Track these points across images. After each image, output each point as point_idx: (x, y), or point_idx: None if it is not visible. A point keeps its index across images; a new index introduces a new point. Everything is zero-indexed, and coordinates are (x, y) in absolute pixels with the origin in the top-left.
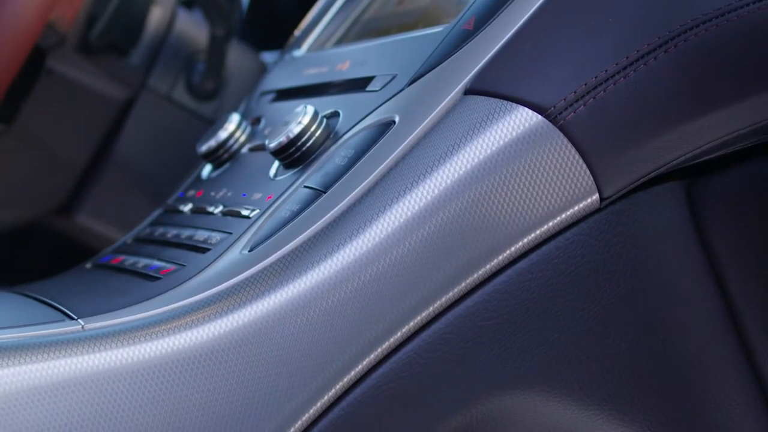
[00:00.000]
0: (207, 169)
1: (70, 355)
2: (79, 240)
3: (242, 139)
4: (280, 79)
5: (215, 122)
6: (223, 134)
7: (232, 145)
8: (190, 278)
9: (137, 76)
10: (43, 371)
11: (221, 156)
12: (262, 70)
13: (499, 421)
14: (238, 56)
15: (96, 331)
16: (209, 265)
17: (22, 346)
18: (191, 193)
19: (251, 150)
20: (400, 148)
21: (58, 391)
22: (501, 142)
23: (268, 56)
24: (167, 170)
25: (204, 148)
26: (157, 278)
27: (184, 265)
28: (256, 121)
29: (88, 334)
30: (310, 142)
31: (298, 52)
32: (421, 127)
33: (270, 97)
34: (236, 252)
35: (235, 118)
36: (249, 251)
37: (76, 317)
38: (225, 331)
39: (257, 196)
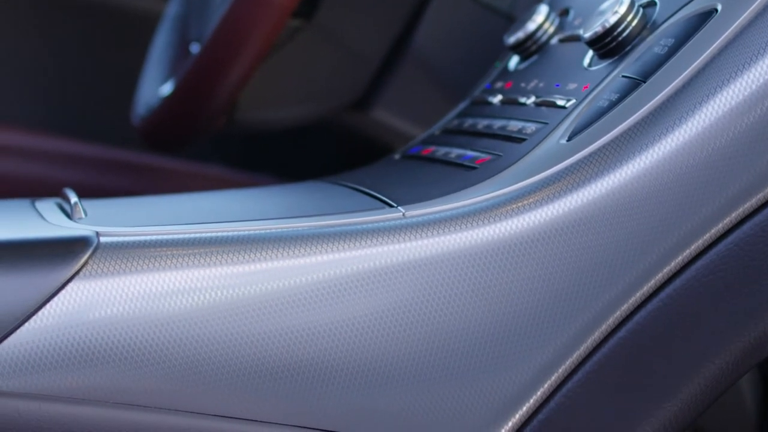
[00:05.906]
0: (514, 61)
1: (394, 242)
2: (373, 135)
3: (551, 30)
4: None
5: (516, 16)
6: (531, 25)
7: (541, 36)
8: (508, 167)
9: None
10: (368, 258)
11: (529, 47)
12: None
13: None
14: None
15: (417, 219)
16: (526, 154)
17: (347, 233)
18: (499, 84)
19: (561, 41)
20: (724, 36)
21: (382, 277)
22: None
23: None
24: (463, 65)
25: (512, 39)
26: (473, 168)
27: (500, 155)
28: (564, 12)
29: (410, 221)
30: (627, 31)
31: None
32: (745, 14)
33: None
34: (554, 141)
35: (543, 9)
36: (567, 140)
37: (395, 205)
38: (547, 219)
39: (572, 86)
